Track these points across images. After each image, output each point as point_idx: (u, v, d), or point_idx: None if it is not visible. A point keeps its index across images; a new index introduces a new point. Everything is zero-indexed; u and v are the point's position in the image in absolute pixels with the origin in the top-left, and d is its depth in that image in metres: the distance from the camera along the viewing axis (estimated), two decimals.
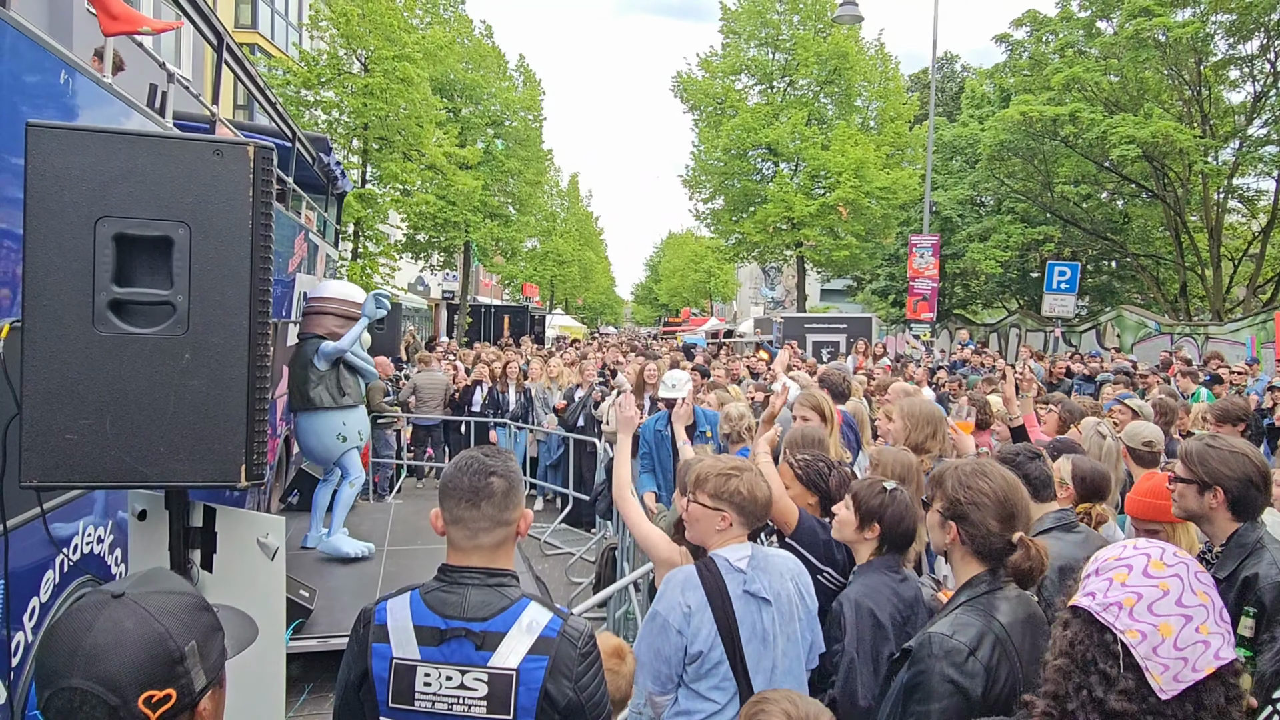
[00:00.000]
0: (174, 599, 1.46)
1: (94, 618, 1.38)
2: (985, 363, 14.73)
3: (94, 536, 4.02)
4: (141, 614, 1.40)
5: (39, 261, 2.00)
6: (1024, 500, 2.45)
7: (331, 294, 7.03)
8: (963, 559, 2.42)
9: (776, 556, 2.86)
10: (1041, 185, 24.84)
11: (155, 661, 1.37)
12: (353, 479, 6.84)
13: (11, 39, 3.18)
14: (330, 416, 6.73)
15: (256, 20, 21.56)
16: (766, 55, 27.32)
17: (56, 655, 1.36)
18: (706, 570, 2.77)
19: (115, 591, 1.43)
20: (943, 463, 2.74)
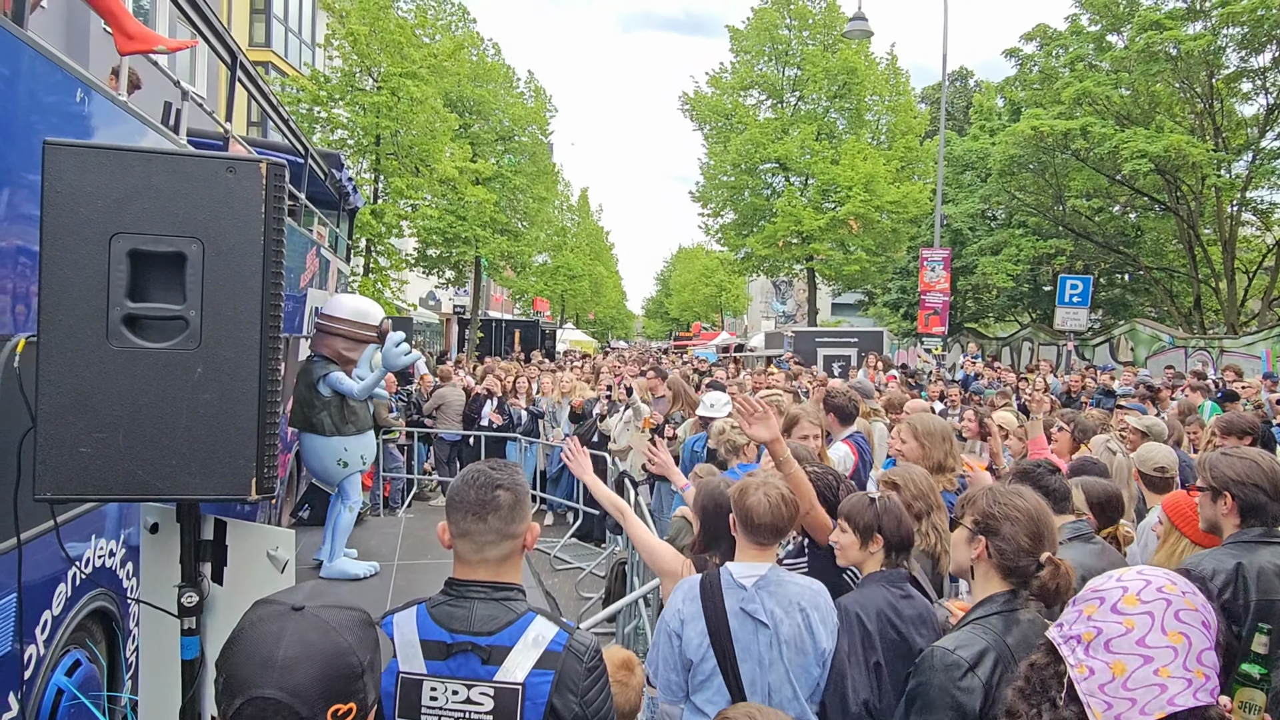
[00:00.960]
0: (347, 614, 1.49)
1: (281, 629, 1.40)
2: (998, 377, 14.67)
3: (106, 550, 4.05)
4: (324, 627, 1.42)
5: (55, 277, 2.03)
6: (1053, 524, 2.46)
7: (345, 315, 6.73)
8: (985, 575, 2.43)
9: (793, 584, 2.79)
10: (1053, 199, 24.79)
11: (340, 675, 1.40)
12: (350, 504, 6.71)
13: (29, 59, 3.23)
14: (330, 442, 6.57)
15: (270, 39, 21.79)
16: (776, 71, 27.42)
17: (248, 664, 1.37)
18: (709, 581, 2.78)
19: (294, 604, 1.46)
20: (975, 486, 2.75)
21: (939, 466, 4.34)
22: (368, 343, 6.72)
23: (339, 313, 6.74)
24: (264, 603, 1.49)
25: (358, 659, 1.42)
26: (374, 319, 6.82)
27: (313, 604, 1.45)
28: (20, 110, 3.25)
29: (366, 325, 6.72)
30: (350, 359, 6.62)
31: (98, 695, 3.79)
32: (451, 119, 19.66)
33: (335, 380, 6.50)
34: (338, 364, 6.58)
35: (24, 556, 2.99)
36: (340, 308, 6.83)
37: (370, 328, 6.74)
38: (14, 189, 3.16)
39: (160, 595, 2.29)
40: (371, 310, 6.91)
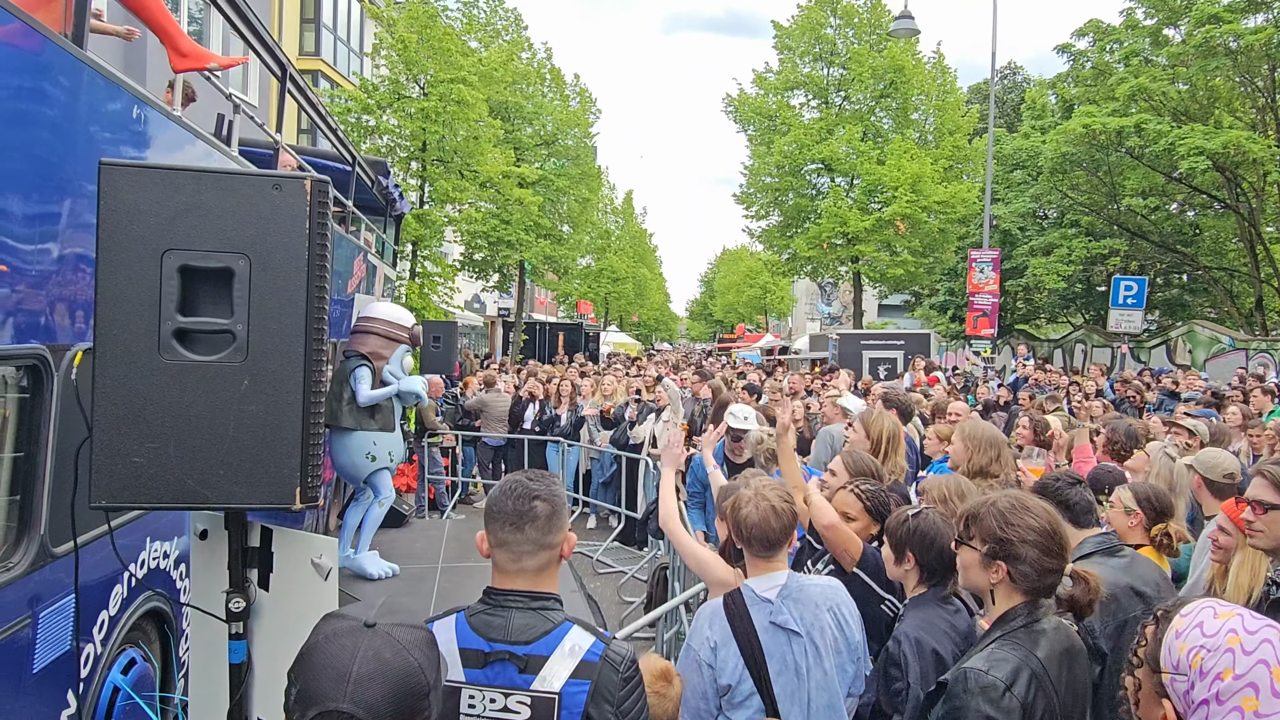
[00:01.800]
0: (416, 633, 1.53)
1: (355, 646, 1.44)
2: (1049, 380, 14.37)
3: (160, 552, 4.17)
4: (396, 646, 1.46)
5: (109, 292, 2.10)
6: (1065, 531, 2.39)
7: (379, 315, 7.15)
8: (1008, 595, 2.35)
9: (814, 586, 2.78)
10: (1107, 197, 24.21)
11: (410, 693, 1.43)
12: (382, 499, 6.94)
13: (88, 77, 3.35)
14: (359, 436, 6.82)
15: (320, 47, 22.20)
16: (821, 71, 27.21)
17: (325, 678, 1.41)
18: (732, 602, 2.75)
19: (366, 620, 1.50)
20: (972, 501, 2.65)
21: (982, 471, 4.30)
22: (399, 343, 7.06)
23: (375, 315, 7.18)
24: (336, 617, 1.53)
25: (426, 678, 1.45)
26: (406, 322, 7.22)
27: (383, 621, 1.49)
28: (80, 125, 3.37)
29: (399, 327, 7.10)
30: (383, 356, 6.97)
31: (152, 695, 3.91)
32: (495, 124, 19.85)
33: (357, 376, 6.81)
34: (370, 361, 6.90)
35: (82, 559, 3.09)
36: (375, 311, 7.29)
37: (402, 329, 7.13)
38: (75, 199, 3.28)
39: (209, 600, 2.36)
40: (404, 316, 7.30)
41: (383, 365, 6.94)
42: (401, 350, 7.07)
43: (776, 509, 2.75)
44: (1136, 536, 3.54)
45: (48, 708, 3.24)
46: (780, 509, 2.76)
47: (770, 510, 2.74)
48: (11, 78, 2.94)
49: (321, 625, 1.52)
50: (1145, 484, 3.72)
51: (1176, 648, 1.57)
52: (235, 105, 5.23)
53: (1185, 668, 1.54)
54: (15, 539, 3.10)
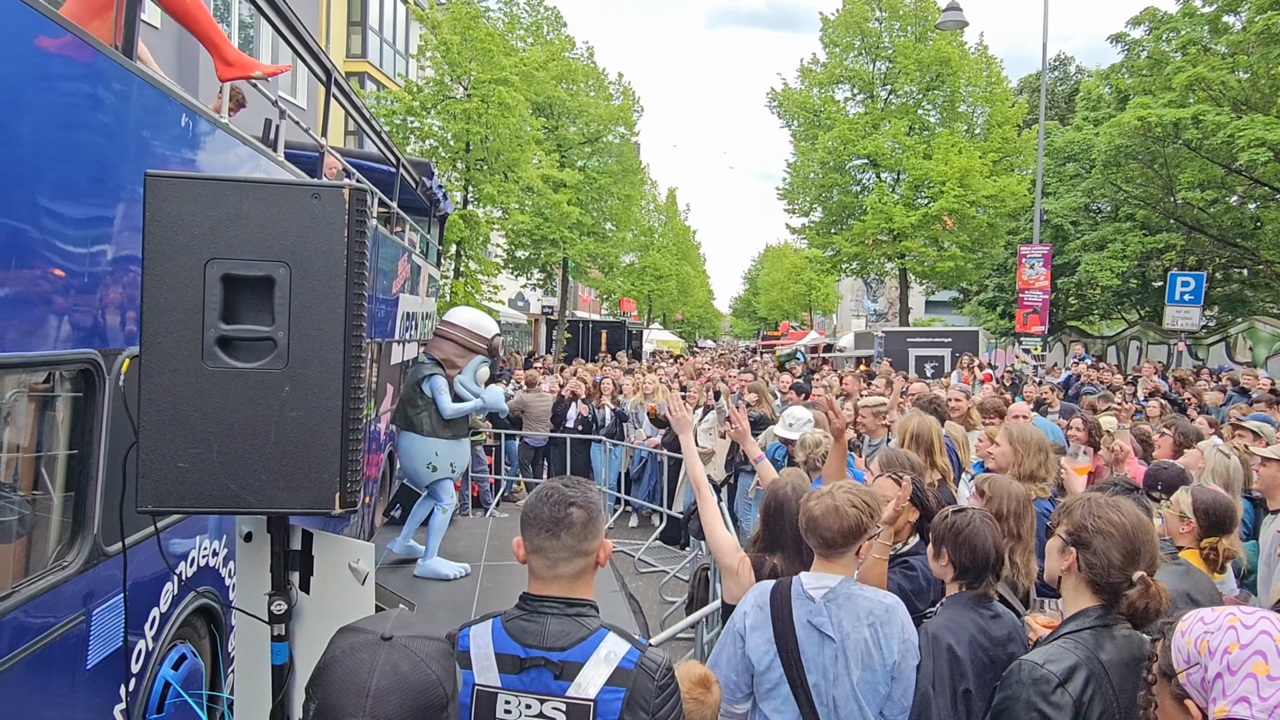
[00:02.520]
0: (432, 645, 1.54)
1: (373, 659, 1.46)
2: (1102, 379, 14.03)
3: (209, 550, 4.26)
4: (413, 659, 1.48)
5: (155, 300, 2.14)
6: (1152, 542, 2.36)
7: (461, 323, 7.11)
8: (1076, 588, 2.36)
9: (863, 598, 2.72)
10: (1163, 190, 23.53)
11: (428, 706, 1.45)
12: (444, 506, 6.98)
13: (138, 87, 3.43)
14: (425, 443, 6.83)
15: (366, 50, 22.52)
16: (866, 65, 26.88)
17: (344, 693, 1.43)
18: (779, 591, 2.76)
19: (382, 634, 1.52)
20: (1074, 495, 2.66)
21: (1030, 475, 4.23)
22: (476, 353, 7.00)
23: (455, 321, 7.16)
24: (352, 630, 1.54)
25: (443, 690, 1.46)
26: (486, 332, 7.11)
27: (401, 634, 1.49)
28: (130, 134, 3.45)
29: (478, 337, 7.04)
30: (456, 365, 6.95)
31: (199, 692, 4.00)
32: (537, 124, 19.95)
33: (436, 386, 6.79)
34: (444, 368, 6.88)
35: (133, 557, 3.17)
36: (457, 317, 7.25)
37: (481, 339, 7.04)
38: (126, 206, 3.36)
39: (253, 602, 2.40)
40: (486, 324, 7.21)
41: (454, 374, 6.91)
42: (477, 361, 7.02)
43: (839, 508, 2.71)
44: (1184, 541, 3.44)
45: (101, 701, 3.33)
46: (843, 509, 2.71)
47: (833, 508, 2.71)
48: (64, 88, 3.01)
49: (338, 639, 1.53)
50: (1210, 493, 3.60)
51: (1183, 644, 1.65)
52: (281, 111, 5.32)
53: (1196, 656, 1.62)
54: (70, 539, 3.19)
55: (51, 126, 2.95)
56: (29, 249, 2.84)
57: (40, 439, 3.25)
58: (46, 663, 3.00)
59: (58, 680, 3.08)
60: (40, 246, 2.89)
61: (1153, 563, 2.33)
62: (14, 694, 2.82)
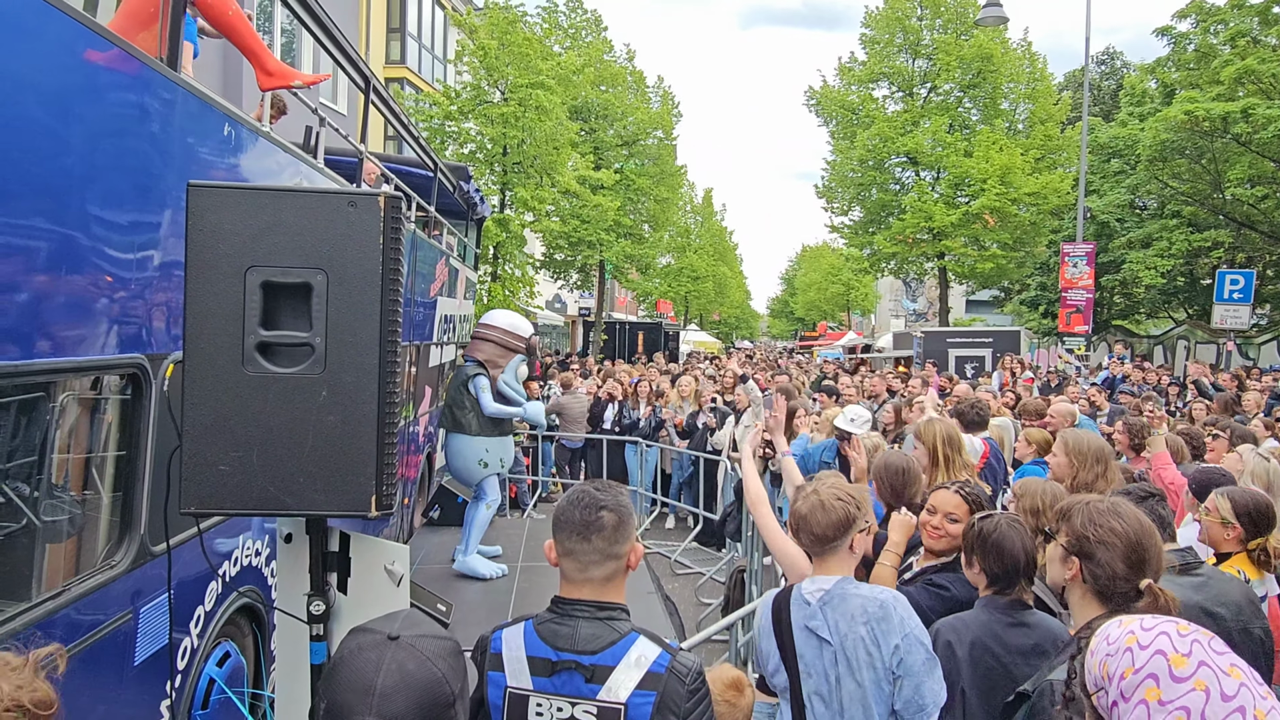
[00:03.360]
0: (440, 644, 1.58)
1: (379, 658, 1.50)
2: (1148, 379, 13.73)
3: (252, 550, 4.34)
4: (420, 657, 1.51)
5: (197, 307, 2.20)
6: (1157, 546, 2.29)
7: (499, 324, 7.31)
8: (1082, 598, 2.30)
9: (856, 597, 2.63)
10: (1211, 186, 22.96)
11: (434, 703, 1.49)
12: (489, 501, 7.10)
13: (182, 98, 3.52)
14: (475, 442, 6.99)
15: (405, 55, 22.79)
16: (906, 62, 26.60)
17: (351, 692, 1.47)
18: (782, 596, 2.75)
19: (390, 633, 1.55)
20: (1072, 497, 2.59)
21: (1087, 487, 3.91)
22: (515, 352, 7.17)
23: (493, 322, 7.33)
24: (361, 631, 1.57)
25: (450, 688, 1.48)
26: (524, 332, 7.30)
27: (407, 633, 1.52)
28: (175, 143, 3.55)
29: (516, 336, 7.20)
30: (499, 364, 7.10)
31: (242, 690, 4.08)
32: (573, 128, 20.02)
33: (479, 386, 6.98)
34: (487, 368, 7.05)
35: (178, 557, 3.25)
36: (494, 319, 7.44)
37: (520, 339, 7.22)
38: (171, 213, 3.45)
39: (293, 602, 2.45)
40: (522, 324, 7.39)
41: (498, 374, 7.08)
42: (517, 360, 7.20)
43: (825, 503, 2.66)
44: (1231, 547, 3.36)
45: (149, 697, 3.42)
46: (829, 504, 2.65)
47: (819, 504, 2.66)
48: (112, 99, 3.10)
49: (347, 640, 1.56)
50: (1247, 494, 3.52)
51: (1092, 665, 1.60)
52: (321, 118, 5.41)
53: (1101, 681, 1.56)
54: (118, 538, 3.28)
55: (100, 137, 3.04)
56: (80, 256, 2.93)
57: (90, 441, 3.35)
58: (96, 659, 3.09)
59: (107, 676, 3.17)
60: (90, 253, 2.98)
61: (1158, 569, 2.27)
62: (65, 689, 2.90)
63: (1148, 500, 3.17)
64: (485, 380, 6.96)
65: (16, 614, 2.71)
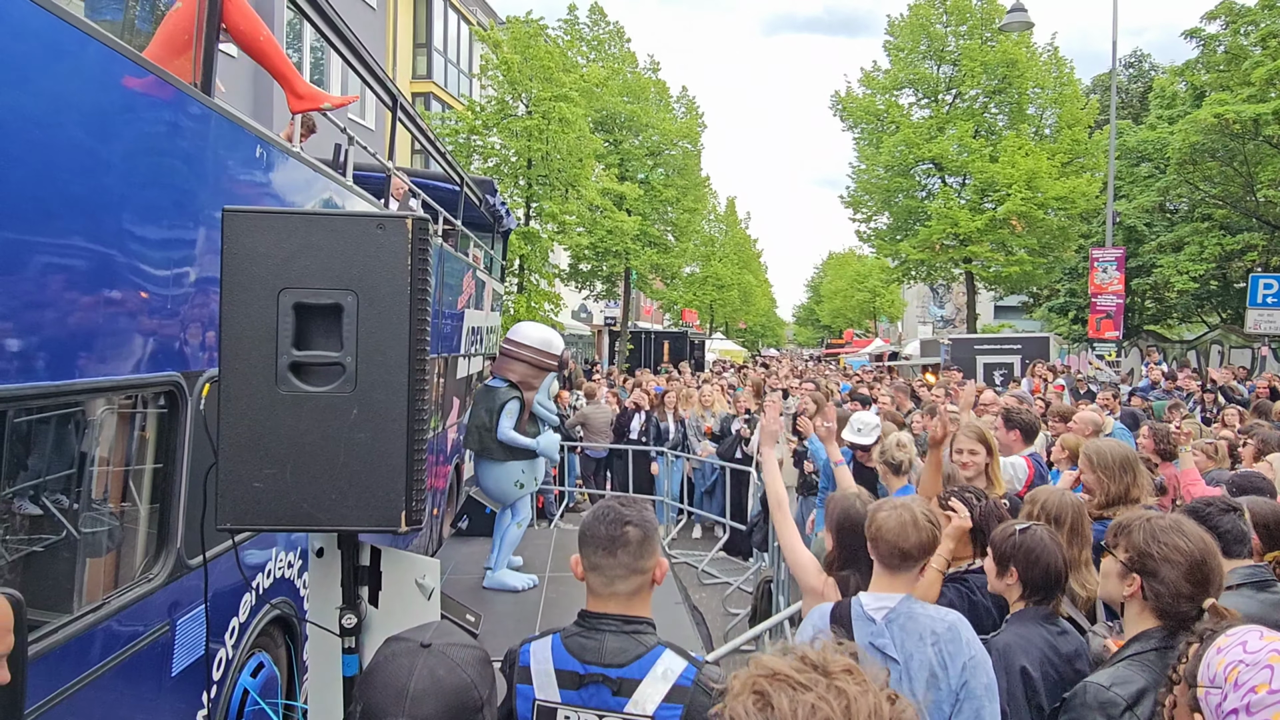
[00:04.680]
0: (469, 652, 1.65)
1: (412, 664, 1.57)
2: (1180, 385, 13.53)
3: (285, 562, 4.42)
4: (450, 664, 1.59)
5: (232, 328, 2.26)
6: (1220, 566, 2.28)
7: (530, 342, 6.74)
8: (1140, 614, 2.30)
9: (925, 616, 2.66)
10: (1243, 189, 22.62)
11: (463, 708, 1.55)
12: (520, 520, 6.91)
13: (215, 121, 3.61)
14: (509, 466, 6.66)
15: (431, 70, 23.08)
16: (931, 69, 26.51)
17: (384, 695, 1.55)
18: (839, 612, 2.73)
19: (423, 641, 1.63)
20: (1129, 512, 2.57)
21: (1120, 500, 3.83)
22: (549, 371, 6.74)
23: (524, 340, 6.76)
24: (396, 639, 1.64)
25: (478, 694, 1.55)
26: (556, 349, 6.81)
27: (439, 642, 1.59)
28: (209, 165, 3.64)
29: (550, 354, 6.72)
30: (533, 385, 6.66)
31: (277, 699, 4.15)
32: (597, 141, 20.14)
33: (507, 410, 6.53)
34: (521, 389, 6.62)
35: (213, 570, 3.32)
36: (526, 335, 6.83)
37: (553, 357, 6.73)
38: (206, 233, 3.54)
39: (325, 615, 2.50)
40: (555, 340, 6.89)
41: (532, 396, 6.65)
42: (550, 378, 6.79)
43: (918, 520, 2.68)
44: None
45: (185, 706, 3.49)
46: (921, 523, 2.68)
47: (911, 520, 2.67)
48: (148, 123, 3.19)
49: (383, 647, 1.64)
50: (1267, 504, 3.46)
51: (1215, 662, 1.59)
52: (350, 137, 5.51)
53: (1221, 681, 1.55)
54: (155, 552, 3.36)
55: (137, 159, 3.13)
56: (118, 275, 3.01)
57: (127, 458, 3.43)
58: (135, 670, 3.16)
59: (145, 687, 3.24)
60: (128, 272, 3.07)
61: (1220, 588, 2.26)
62: (106, 699, 2.98)
63: (1229, 514, 3.09)
64: (516, 406, 6.55)
65: (59, 626, 2.78)
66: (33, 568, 3.06)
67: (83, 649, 2.86)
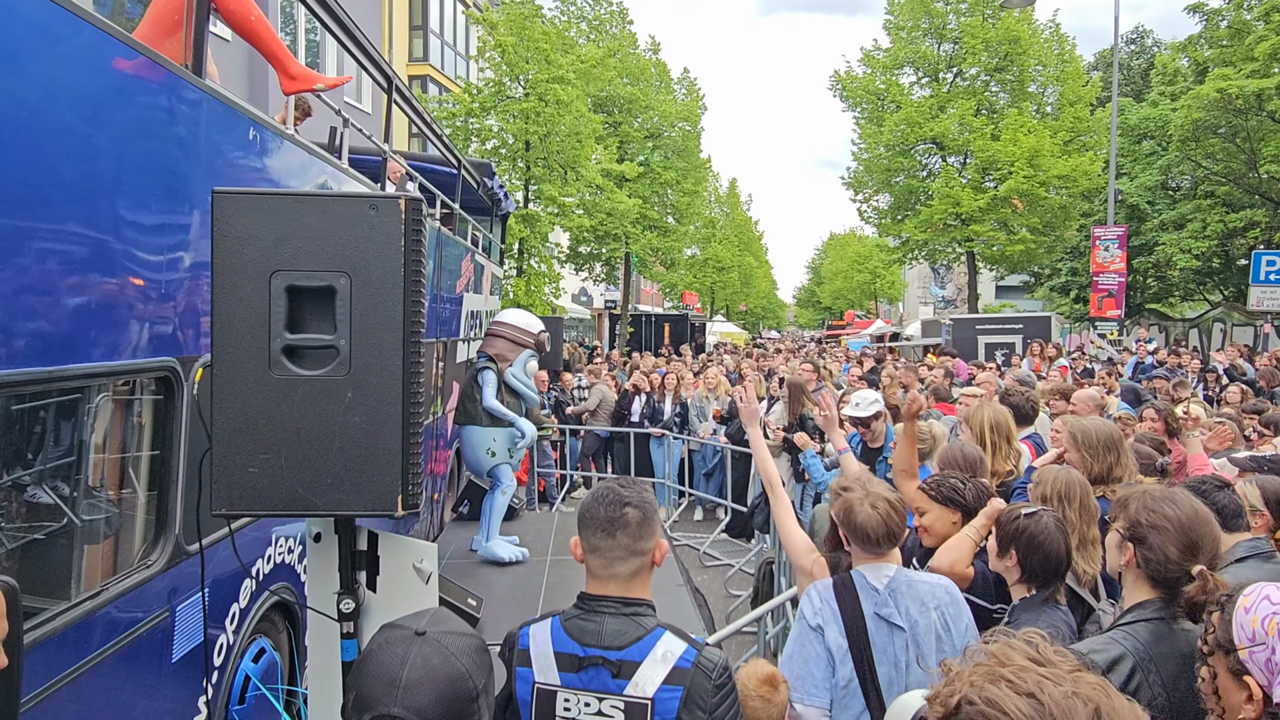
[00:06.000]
0: (465, 640, 1.61)
1: (405, 653, 1.54)
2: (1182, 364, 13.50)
3: (285, 548, 4.41)
4: (444, 652, 1.55)
5: (224, 312, 2.23)
6: (1212, 533, 2.32)
7: (510, 321, 7.48)
8: (1135, 581, 2.35)
9: (924, 583, 2.76)
10: (1245, 165, 22.49)
11: (458, 697, 1.52)
12: (503, 488, 7.23)
13: (208, 103, 3.56)
14: (483, 432, 7.12)
15: (428, 53, 22.91)
16: (932, 47, 26.30)
17: (377, 684, 1.52)
18: (843, 585, 2.76)
19: (417, 629, 1.60)
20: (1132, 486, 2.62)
21: (1104, 479, 3.88)
22: (524, 347, 7.30)
23: (504, 319, 7.54)
24: (390, 627, 1.61)
25: (474, 683, 1.51)
26: (533, 329, 7.45)
27: (434, 630, 1.56)
28: (202, 147, 3.59)
29: (525, 332, 7.36)
30: (508, 359, 7.26)
31: (278, 684, 4.15)
32: (596, 121, 20.02)
33: (484, 379, 7.12)
34: (497, 363, 7.21)
35: (211, 555, 3.31)
36: (506, 315, 7.63)
37: (529, 334, 7.36)
38: (199, 217, 3.50)
39: (323, 600, 2.48)
40: (533, 322, 7.55)
41: (505, 367, 7.25)
42: (525, 355, 7.32)
43: (894, 505, 2.78)
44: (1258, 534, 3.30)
45: (186, 692, 3.49)
46: (898, 505, 2.80)
47: (889, 509, 2.76)
48: (139, 106, 3.15)
49: (377, 635, 1.61)
50: (1276, 481, 3.46)
51: (1248, 622, 1.62)
52: (345, 119, 5.46)
53: (1262, 636, 1.58)
54: (153, 539, 3.34)
55: (129, 142, 3.09)
56: (113, 260, 2.98)
57: (124, 444, 3.41)
58: (135, 656, 3.16)
59: (146, 673, 3.24)
60: (122, 258, 3.03)
61: (1213, 555, 2.29)
62: (107, 685, 2.97)
63: (1223, 490, 3.15)
64: (492, 375, 7.13)
65: (58, 613, 2.77)
66: (30, 554, 3.05)
67: (82, 635, 2.85)
